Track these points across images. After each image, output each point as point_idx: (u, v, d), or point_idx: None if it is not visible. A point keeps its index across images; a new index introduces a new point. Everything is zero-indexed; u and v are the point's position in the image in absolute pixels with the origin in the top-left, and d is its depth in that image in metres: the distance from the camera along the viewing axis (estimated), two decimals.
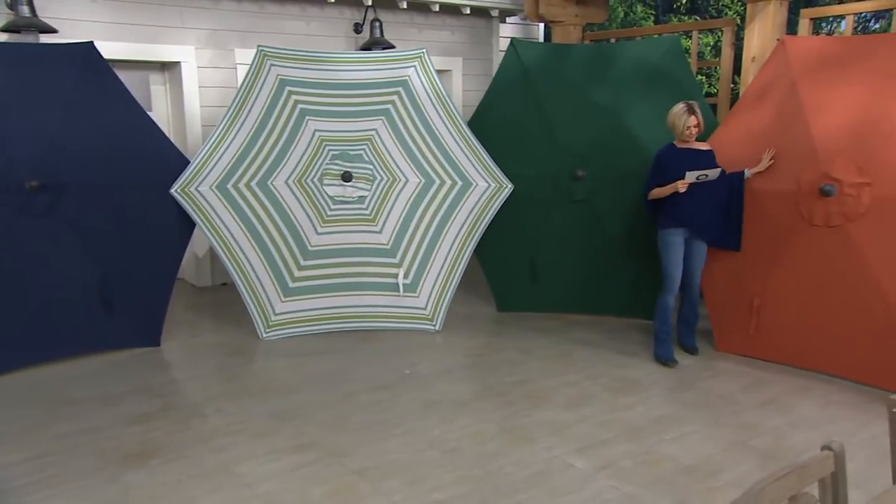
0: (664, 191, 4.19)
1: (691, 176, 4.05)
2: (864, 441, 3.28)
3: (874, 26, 11.28)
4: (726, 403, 3.73)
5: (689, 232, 4.23)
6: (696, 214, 4.18)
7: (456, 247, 5.00)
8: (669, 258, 4.22)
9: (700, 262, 4.30)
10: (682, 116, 4.13)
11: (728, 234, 4.27)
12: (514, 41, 5.43)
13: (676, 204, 4.18)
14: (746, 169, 4.20)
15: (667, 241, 4.24)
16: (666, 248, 4.24)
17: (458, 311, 5.37)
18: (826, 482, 1.55)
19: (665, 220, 4.26)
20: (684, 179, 4.07)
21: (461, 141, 5.01)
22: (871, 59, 3.94)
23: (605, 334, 4.91)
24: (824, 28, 11.19)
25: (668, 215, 4.24)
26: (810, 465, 1.51)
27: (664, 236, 4.25)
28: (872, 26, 11.24)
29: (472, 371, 4.25)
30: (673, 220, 4.22)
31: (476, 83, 7.43)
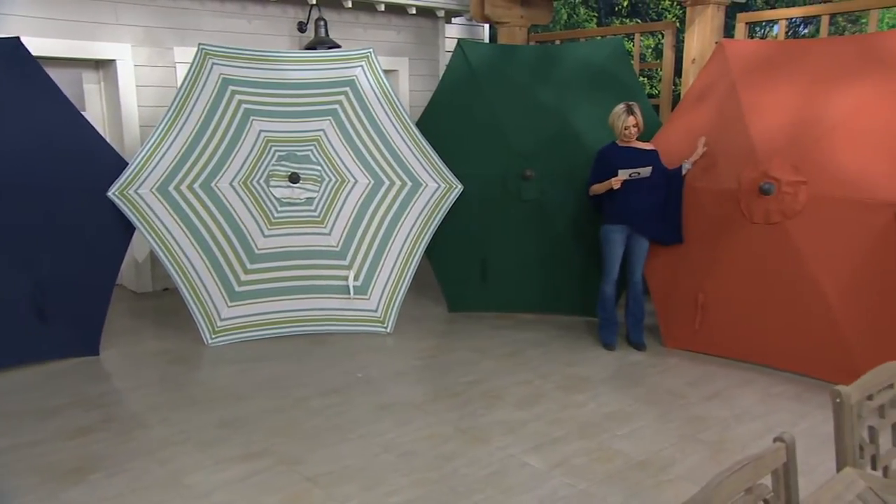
0: (600, 187, 4.37)
1: (623, 173, 4.22)
2: (804, 430, 3.41)
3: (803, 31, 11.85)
4: (674, 398, 3.82)
5: (630, 228, 4.37)
6: (636, 212, 4.33)
7: (406, 248, 4.97)
8: (608, 253, 4.45)
9: (640, 259, 4.45)
10: (621, 116, 4.30)
11: (668, 229, 4.42)
12: (461, 42, 5.45)
13: (617, 201, 4.34)
14: (684, 162, 4.33)
15: (606, 237, 4.43)
16: (605, 244, 4.45)
17: (410, 312, 5.33)
18: (779, 473, 1.59)
19: (606, 216, 4.45)
20: (618, 176, 4.24)
21: (410, 141, 4.98)
22: (803, 63, 4.11)
23: (556, 333, 4.97)
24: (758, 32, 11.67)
25: (609, 212, 4.43)
26: (764, 456, 1.55)
27: (605, 232, 4.44)
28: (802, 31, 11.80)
29: (425, 372, 4.23)
30: (613, 216, 4.40)
31: (423, 83, 7.41)
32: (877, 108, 3.75)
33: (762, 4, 12.23)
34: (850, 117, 3.77)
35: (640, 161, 4.30)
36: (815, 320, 3.83)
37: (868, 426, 1.92)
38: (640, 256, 4.45)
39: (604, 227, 4.46)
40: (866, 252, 3.67)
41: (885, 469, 1.96)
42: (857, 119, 3.76)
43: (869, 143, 3.70)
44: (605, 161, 4.38)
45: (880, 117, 3.73)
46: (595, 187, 4.44)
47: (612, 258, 4.44)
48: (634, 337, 4.60)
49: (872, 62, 3.86)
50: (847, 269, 3.72)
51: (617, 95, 4.98)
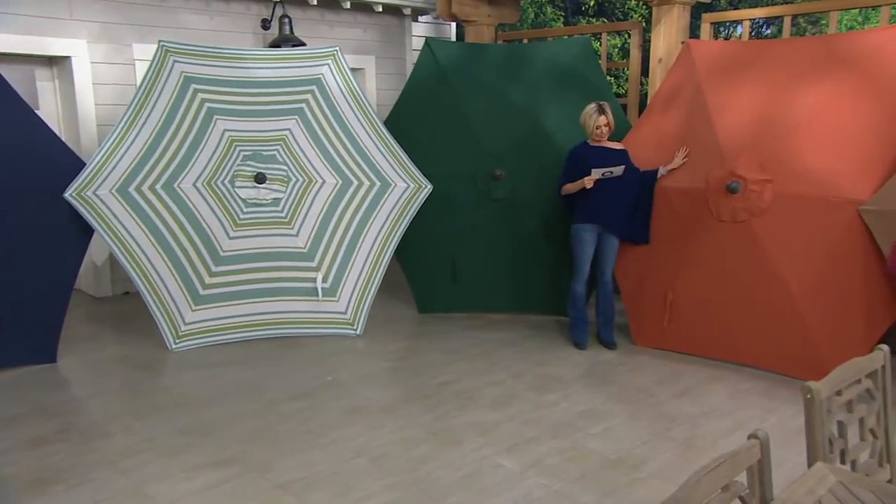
0: (573, 186, 4.40)
1: (596, 173, 4.26)
2: (773, 426, 3.48)
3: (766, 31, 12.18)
4: (645, 396, 3.87)
5: (601, 228, 4.42)
6: (607, 211, 4.38)
7: (376, 249, 4.94)
8: (579, 252, 4.49)
9: (611, 258, 4.51)
10: (593, 116, 4.33)
11: (637, 228, 4.48)
12: (428, 40, 5.44)
13: (588, 200, 4.37)
14: (661, 167, 4.40)
15: (577, 237, 4.47)
16: (576, 243, 4.48)
17: (379, 314, 5.31)
18: (753, 469, 1.62)
19: (577, 215, 4.49)
20: (591, 176, 4.28)
21: (378, 141, 4.95)
22: (767, 63, 4.21)
23: (527, 332, 4.99)
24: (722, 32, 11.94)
25: (580, 211, 4.46)
26: (740, 453, 1.57)
27: (576, 231, 4.48)
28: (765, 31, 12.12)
29: (396, 375, 4.21)
30: (584, 215, 4.43)
31: (390, 82, 7.39)
32: (838, 107, 3.86)
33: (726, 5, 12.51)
34: (813, 116, 3.87)
35: (611, 160, 4.35)
36: (782, 317, 3.92)
37: (837, 421, 1.97)
38: (611, 256, 4.50)
39: (574, 226, 4.49)
40: (830, 249, 3.77)
41: (853, 463, 2.01)
42: (819, 118, 3.86)
43: (831, 142, 3.80)
44: (577, 160, 4.42)
45: (841, 116, 3.84)
46: (567, 186, 4.47)
47: (583, 257, 4.48)
48: (605, 336, 4.65)
49: (833, 62, 3.96)
50: (812, 267, 3.81)
51: (585, 95, 5.03)
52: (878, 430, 2.09)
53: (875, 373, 2.09)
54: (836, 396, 1.98)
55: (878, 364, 2.09)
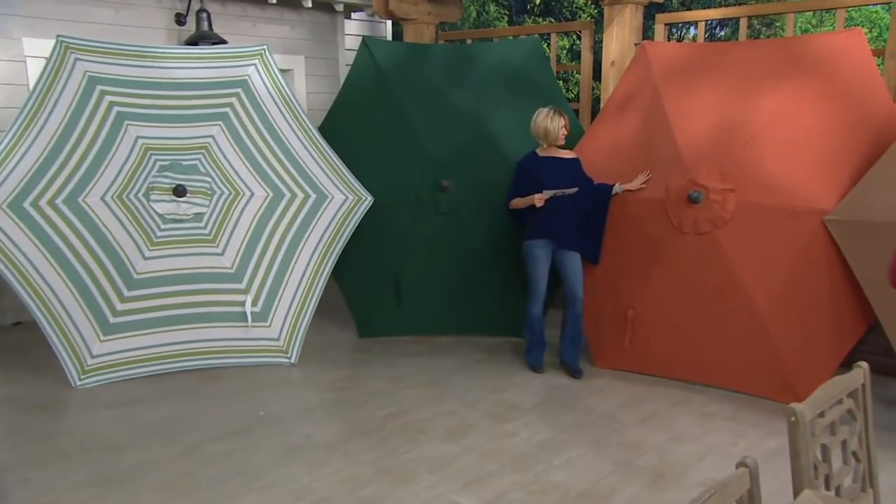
0: (522, 202, 4.43)
1: (548, 193, 4.29)
2: (743, 450, 3.56)
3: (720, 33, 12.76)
4: (608, 422, 3.91)
5: (554, 243, 4.44)
6: (558, 225, 4.40)
7: (311, 268, 4.86)
8: (531, 269, 4.48)
9: (578, 275, 4.45)
10: (555, 118, 4.33)
11: (586, 245, 4.51)
12: (366, 39, 5.42)
13: (537, 214, 4.40)
14: (618, 184, 4.43)
15: (529, 253, 4.47)
16: (528, 260, 4.49)
17: (316, 340, 5.21)
18: (744, 499, 1.63)
19: (527, 230, 4.51)
20: (542, 194, 4.29)
21: (312, 149, 4.89)
22: (725, 66, 4.37)
23: (479, 356, 4.99)
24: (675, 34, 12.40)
25: (530, 226, 4.48)
26: (729, 484, 1.58)
27: (527, 248, 4.49)
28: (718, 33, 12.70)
29: (338, 407, 4.14)
30: (534, 230, 4.46)
31: (321, 84, 7.32)
32: (799, 113, 4.03)
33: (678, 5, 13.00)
34: (774, 122, 4.03)
35: (562, 170, 4.39)
36: (747, 334, 4.04)
37: (821, 444, 2.01)
38: (577, 272, 4.45)
39: (525, 242, 4.50)
40: (796, 262, 3.91)
41: (837, 488, 2.06)
42: (780, 123, 4.02)
43: (794, 148, 3.96)
44: (526, 172, 4.43)
45: (803, 121, 4.01)
46: (515, 201, 4.49)
47: (537, 275, 4.48)
48: (568, 360, 4.59)
49: (793, 66, 4.14)
50: (777, 280, 3.95)
51: (536, 98, 5.09)
52: (861, 452, 2.15)
53: (856, 391, 2.15)
54: (818, 418, 2.03)
55: (859, 382, 2.15)
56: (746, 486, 1.65)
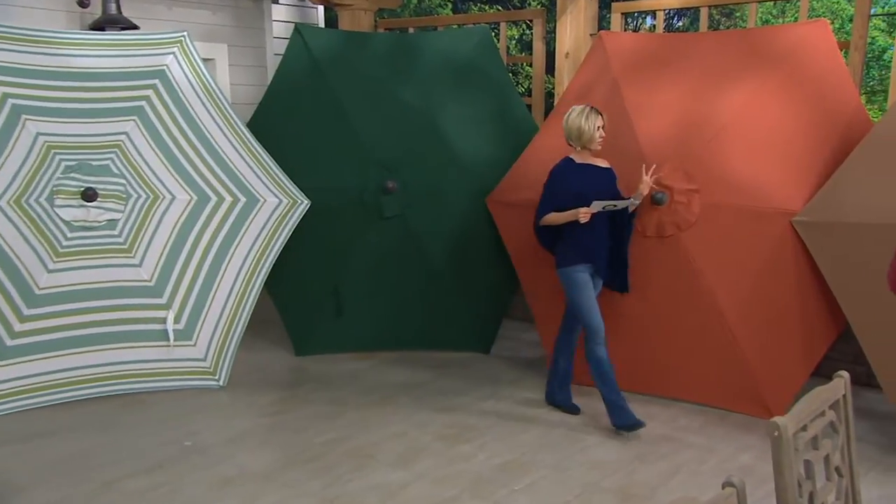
0: (561, 217, 3.98)
1: (597, 205, 3.88)
2: (714, 467, 3.65)
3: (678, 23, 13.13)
4: (570, 441, 3.94)
5: (593, 269, 4.07)
6: (599, 248, 4.06)
7: (242, 280, 4.78)
8: (584, 299, 4.00)
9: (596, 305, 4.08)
10: (590, 116, 3.94)
11: (616, 273, 4.20)
12: (299, 27, 5.37)
13: (580, 234, 3.99)
14: (632, 196, 4.06)
15: (576, 281, 4.01)
16: (577, 290, 4.01)
17: (248, 359, 5.13)
18: None
19: (569, 254, 4.05)
20: (589, 207, 3.88)
21: (241, 147, 4.81)
22: (687, 59, 4.46)
23: (429, 372, 4.98)
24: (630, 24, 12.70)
25: (573, 249, 4.04)
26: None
27: (572, 275, 4.02)
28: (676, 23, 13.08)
29: (274, 433, 4.08)
30: (577, 254, 4.02)
31: (247, 76, 7.22)
32: (765, 108, 4.15)
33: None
34: (740, 118, 4.13)
35: (603, 181, 4.03)
36: (714, 343, 4.13)
37: (804, 460, 2.05)
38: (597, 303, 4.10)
39: (566, 269, 4.03)
40: (763, 266, 4.02)
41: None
42: (746, 119, 4.13)
43: (760, 146, 4.07)
44: (566, 184, 4.00)
45: (769, 117, 4.12)
46: (553, 217, 4.02)
47: (591, 304, 3.99)
48: (567, 397, 4.33)
49: (757, 58, 4.26)
50: (745, 286, 4.05)
51: (487, 92, 5.12)
52: (844, 467, 2.20)
53: (837, 403, 2.21)
54: (801, 432, 2.07)
55: (840, 393, 2.21)
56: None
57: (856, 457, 2.26)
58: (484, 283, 5.23)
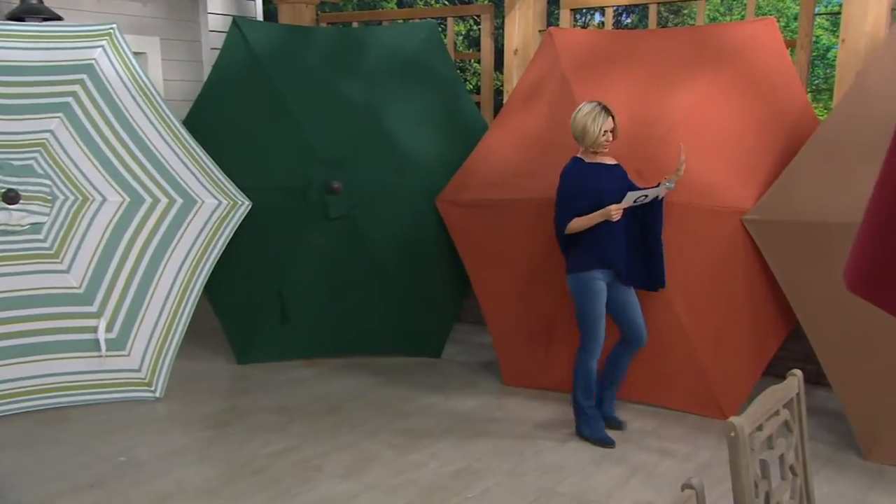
0: (589, 220, 3.83)
1: (630, 198, 3.76)
2: (670, 469, 3.72)
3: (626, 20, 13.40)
4: (525, 446, 3.98)
5: (613, 274, 3.93)
6: (619, 250, 3.91)
7: (179, 285, 4.70)
8: (594, 309, 3.89)
9: (637, 308, 3.99)
10: (598, 118, 3.82)
11: (651, 271, 4.01)
12: (237, 20, 5.33)
13: (596, 238, 3.87)
14: (665, 179, 3.91)
15: (590, 288, 3.87)
16: (588, 297, 3.89)
17: (187, 368, 5.06)
18: None
19: (584, 258, 3.91)
20: (620, 203, 3.77)
21: (177, 146, 4.74)
22: (637, 57, 4.56)
23: (377, 379, 4.97)
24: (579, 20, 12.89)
25: (589, 253, 3.90)
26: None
27: (586, 281, 3.88)
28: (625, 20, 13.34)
29: (216, 446, 4.01)
30: (595, 258, 3.89)
31: (182, 71, 7.12)
32: (715, 106, 4.27)
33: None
34: (690, 116, 4.24)
35: (617, 179, 3.91)
36: (668, 344, 4.22)
37: (760, 460, 2.11)
38: (637, 306, 3.99)
39: (580, 275, 3.89)
40: (714, 265, 4.13)
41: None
42: (696, 118, 4.24)
43: (711, 144, 4.18)
44: (579, 185, 3.87)
45: (719, 115, 4.24)
46: (579, 222, 3.84)
47: (599, 316, 3.89)
48: (611, 410, 4.19)
49: (707, 56, 4.38)
50: (697, 285, 4.15)
51: (434, 89, 5.15)
52: (798, 466, 2.28)
53: (791, 402, 2.28)
54: (757, 432, 2.13)
55: (794, 392, 2.28)
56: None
57: (809, 455, 2.34)
58: (434, 285, 5.24)
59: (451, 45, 6.54)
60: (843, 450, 3.90)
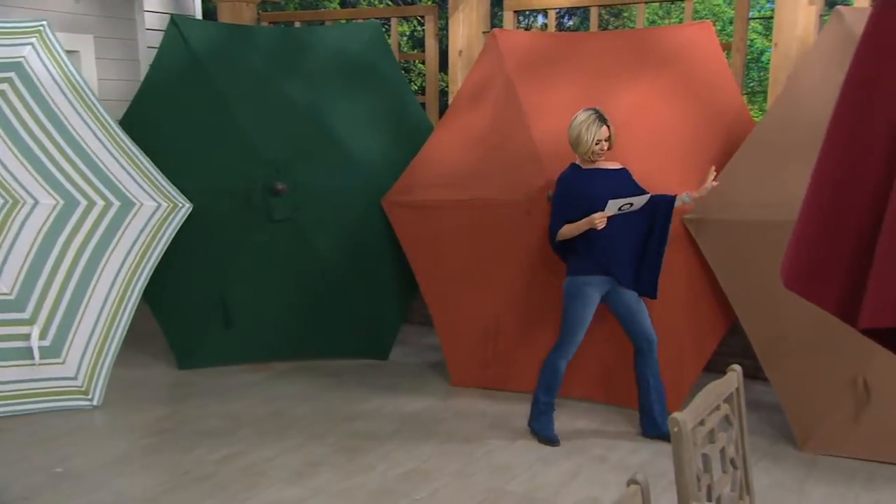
0: (575, 228, 3.87)
1: (613, 206, 3.77)
2: (615, 464, 3.80)
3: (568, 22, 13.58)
4: (474, 446, 4.01)
5: (613, 279, 3.94)
6: (620, 256, 3.92)
7: (117, 290, 4.61)
8: (578, 313, 3.93)
9: (645, 312, 3.99)
10: (591, 127, 3.84)
11: (644, 276, 3.98)
12: (175, 18, 5.25)
13: (595, 242, 3.89)
14: (686, 193, 3.92)
15: (579, 293, 3.92)
16: (575, 302, 3.93)
17: (126, 375, 4.96)
18: None
19: (580, 263, 3.95)
20: (604, 211, 3.78)
21: (113, 147, 4.65)
22: (580, 59, 4.63)
23: (325, 382, 4.95)
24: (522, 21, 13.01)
25: (586, 257, 3.93)
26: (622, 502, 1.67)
27: (578, 286, 3.93)
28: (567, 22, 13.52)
29: (158, 454, 3.95)
30: (591, 264, 3.91)
31: (117, 70, 6.98)
32: (655, 108, 4.36)
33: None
34: (632, 118, 4.32)
35: (614, 184, 3.92)
36: (611, 341, 4.29)
37: (702, 454, 2.18)
38: (644, 310, 3.98)
39: (574, 279, 3.94)
40: None
41: (718, 499, 2.24)
42: (637, 120, 4.32)
43: (651, 145, 4.27)
44: (574, 191, 3.91)
45: (659, 117, 4.34)
46: (567, 229, 3.90)
47: (582, 321, 3.93)
48: (662, 426, 3.98)
49: (647, 59, 4.48)
50: None
51: (379, 90, 5.15)
52: (738, 459, 2.35)
53: (731, 396, 2.35)
54: (699, 426, 2.19)
55: (734, 387, 2.36)
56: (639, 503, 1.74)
57: (748, 448, 2.42)
58: (381, 287, 5.24)
59: (396, 45, 6.55)
60: (780, 442, 4.03)
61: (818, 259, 1.42)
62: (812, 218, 1.43)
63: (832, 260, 1.39)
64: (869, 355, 3.54)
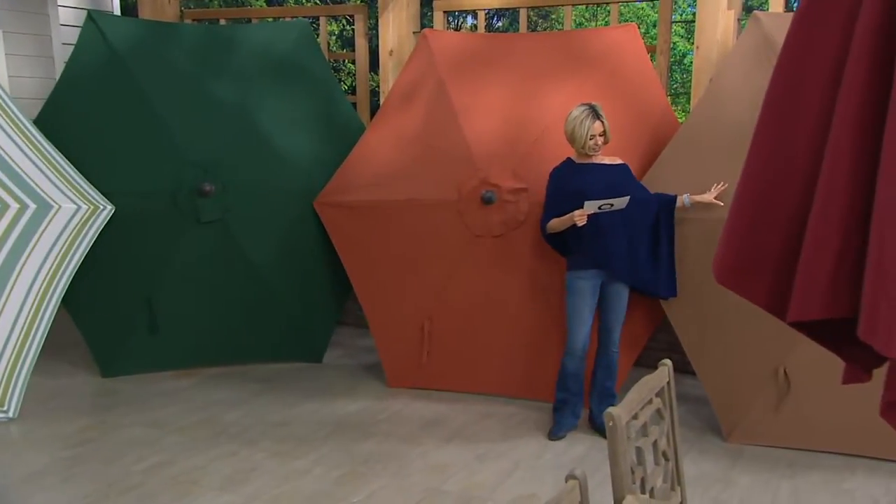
0: (560, 223, 3.96)
1: (590, 206, 3.82)
2: (551, 460, 3.86)
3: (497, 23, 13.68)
4: (410, 447, 4.02)
5: (606, 274, 4.02)
6: (613, 250, 3.98)
7: (34, 296, 4.42)
8: (572, 308, 4.01)
9: (619, 315, 4.09)
10: (584, 122, 3.87)
11: (658, 277, 4.08)
12: (93, 14, 5.09)
13: (586, 237, 3.95)
14: (686, 195, 3.99)
15: (572, 287, 4.01)
16: (569, 296, 4.03)
17: (45, 384, 4.81)
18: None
19: (574, 258, 4.04)
20: (583, 209, 3.83)
21: (27, 146, 4.46)
22: (510, 60, 4.69)
23: (257, 386, 4.89)
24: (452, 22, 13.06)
25: (579, 253, 4.02)
26: (561, 499, 1.70)
27: (570, 280, 4.03)
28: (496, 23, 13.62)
29: (81, 466, 3.82)
30: (581, 259, 4.00)
31: (30, 67, 6.75)
32: None
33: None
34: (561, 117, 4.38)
35: (606, 178, 3.95)
36: (547, 340, 4.36)
37: (636, 447, 2.24)
38: (619, 313, 4.08)
39: (569, 273, 4.03)
40: None
41: (651, 490, 2.31)
42: None
43: None
44: (563, 185, 3.98)
45: None
46: (554, 223, 3.99)
47: (578, 316, 3.99)
48: (597, 419, 4.15)
49: (575, 61, 4.57)
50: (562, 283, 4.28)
51: (308, 89, 5.10)
52: (669, 451, 2.43)
53: (662, 390, 2.42)
54: (633, 420, 2.26)
55: (665, 381, 2.43)
56: (577, 499, 1.78)
57: (679, 440, 2.50)
58: (313, 288, 5.20)
59: (325, 44, 6.49)
60: (707, 433, 4.17)
61: (747, 255, 1.47)
62: (741, 215, 1.48)
63: (761, 255, 1.45)
64: (789, 346, 3.69)
